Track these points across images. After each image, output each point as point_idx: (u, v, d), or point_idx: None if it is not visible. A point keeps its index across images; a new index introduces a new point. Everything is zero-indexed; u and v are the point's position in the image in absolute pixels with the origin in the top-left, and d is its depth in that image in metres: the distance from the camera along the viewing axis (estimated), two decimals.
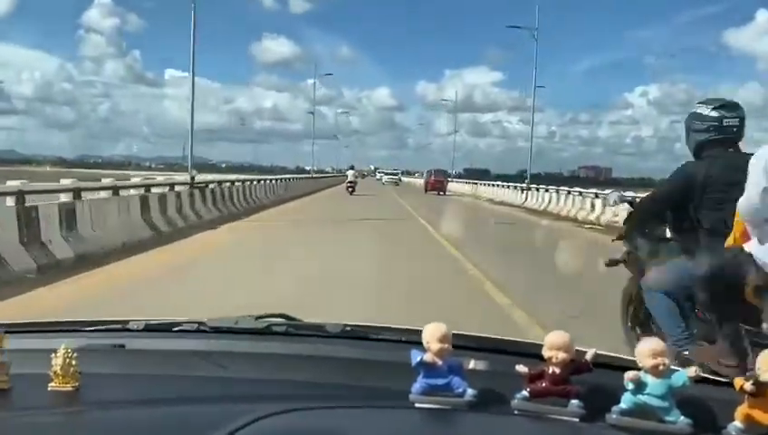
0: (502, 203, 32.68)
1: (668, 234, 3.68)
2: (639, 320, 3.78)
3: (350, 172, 37.28)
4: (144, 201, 12.15)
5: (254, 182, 24.37)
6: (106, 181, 12.30)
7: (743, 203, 2.92)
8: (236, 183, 20.99)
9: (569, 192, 24.75)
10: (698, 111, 3.45)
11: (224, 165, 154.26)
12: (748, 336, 2.94)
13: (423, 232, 15.10)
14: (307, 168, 59.61)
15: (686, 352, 3.11)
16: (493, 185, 42.26)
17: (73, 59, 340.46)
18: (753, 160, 2.93)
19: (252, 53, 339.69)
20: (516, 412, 1.09)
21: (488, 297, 7.00)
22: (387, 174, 73.60)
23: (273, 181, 29.53)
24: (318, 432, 1.00)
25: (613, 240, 4.22)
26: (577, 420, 1.06)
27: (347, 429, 1.01)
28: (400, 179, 69.75)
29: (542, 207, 26.06)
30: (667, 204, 3.61)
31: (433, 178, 45.61)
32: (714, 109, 3.39)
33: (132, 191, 12.43)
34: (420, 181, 59.57)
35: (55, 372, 1.13)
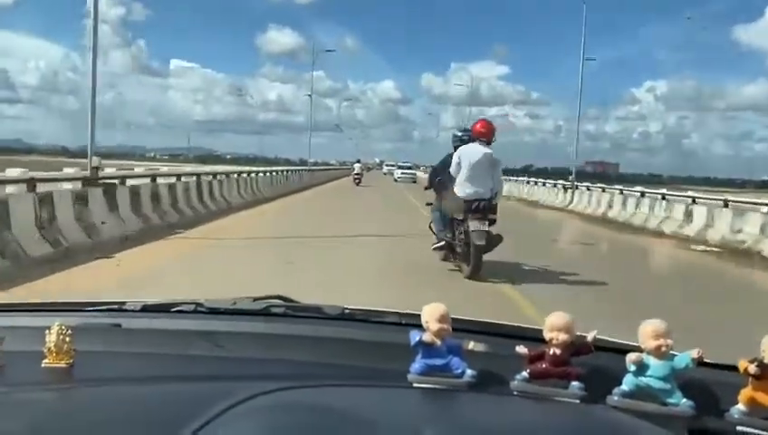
0: (539, 205, 26.03)
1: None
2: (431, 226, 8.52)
3: (356, 165, 41.57)
4: None
5: (224, 177, 18.24)
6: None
7: (451, 170, 7.64)
8: (187, 178, 14.70)
9: (642, 193, 18.71)
10: (454, 133, 8.53)
11: (228, 156, 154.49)
12: (456, 225, 7.54)
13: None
14: (311, 160, 57.41)
15: (439, 235, 7.96)
16: (521, 181, 34.44)
17: (78, 48, 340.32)
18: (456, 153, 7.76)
19: (257, 44, 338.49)
20: (516, 393, 1.07)
21: None
22: (400, 167, 55.76)
23: (257, 175, 23.19)
24: (314, 409, 0.98)
25: (425, 189, 9.03)
26: (577, 401, 1.05)
27: (343, 406, 1.00)
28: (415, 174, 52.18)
29: (598, 213, 20.04)
30: (440, 172, 8.31)
31: None
32: (458, 131, 8.45)
33: None
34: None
35: (49, 349, 1.12)
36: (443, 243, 7.94)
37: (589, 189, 23.05)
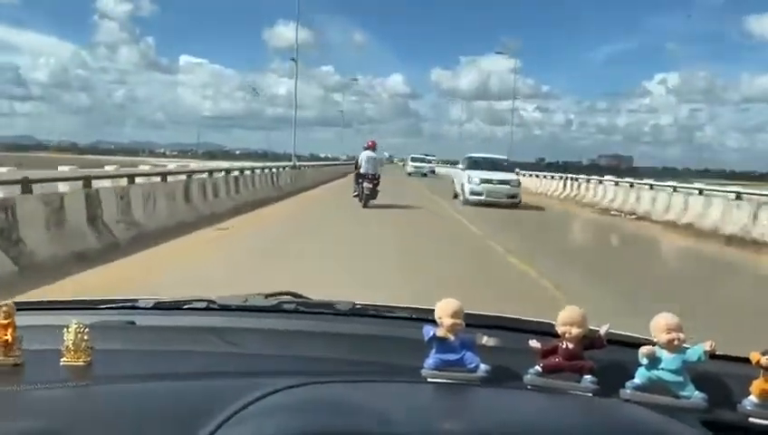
0: (702, 235, 13.62)
1: (362, 170, 17.54)
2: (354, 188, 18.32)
3: None
4: None
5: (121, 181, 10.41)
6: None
7: (358, 161, 18.49)
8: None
9: None
10: (364, 145, 18.93)
11: (238, 151, 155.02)
12: (359, 184, 17.58)
13: None
14: (321, 154, 52.01)
15: (355, 189, 18.08)
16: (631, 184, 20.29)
17: (88, 45, 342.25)
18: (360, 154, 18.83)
19: (265, 40, 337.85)
20: (529, 387, 1.08)
21: None
22: (413, 159, 30.65)
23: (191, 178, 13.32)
24: (329, 405, 0.99)
25: (354, 173, 18.86)
26: (590, 394, 1.05)
27: (358, 401, 1.00)
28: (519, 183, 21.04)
29: None
30: (357, 164, 18.21)
31: None
32: (365, 144, 18.60)
33: None
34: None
35: (67, 347, 1.14)
36: (356, 192, 17.29)
37: None
